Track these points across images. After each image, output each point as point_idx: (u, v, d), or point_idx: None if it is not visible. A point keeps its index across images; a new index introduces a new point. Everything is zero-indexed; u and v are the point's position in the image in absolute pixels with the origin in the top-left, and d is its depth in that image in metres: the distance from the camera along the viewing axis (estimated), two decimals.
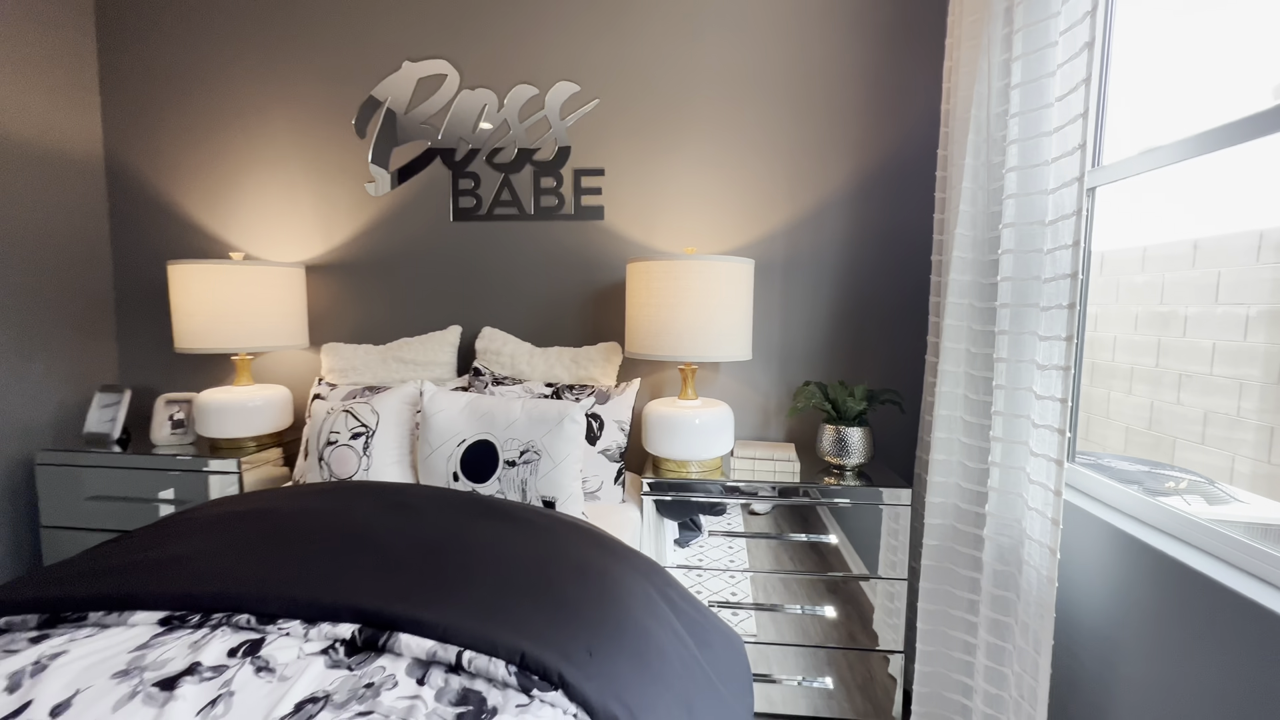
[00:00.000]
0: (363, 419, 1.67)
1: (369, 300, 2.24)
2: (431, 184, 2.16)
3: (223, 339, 1.94)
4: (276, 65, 2.19)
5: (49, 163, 2.10)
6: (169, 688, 0.78)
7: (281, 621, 0.90)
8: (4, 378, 1.99)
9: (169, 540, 1.18)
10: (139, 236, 2.31)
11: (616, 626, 0.97)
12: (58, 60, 2.13)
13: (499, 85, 2.10)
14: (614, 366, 1.97)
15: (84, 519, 1.97)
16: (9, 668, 0.82)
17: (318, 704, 0.76)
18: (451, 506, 1.30)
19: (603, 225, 2.10)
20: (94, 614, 0.93)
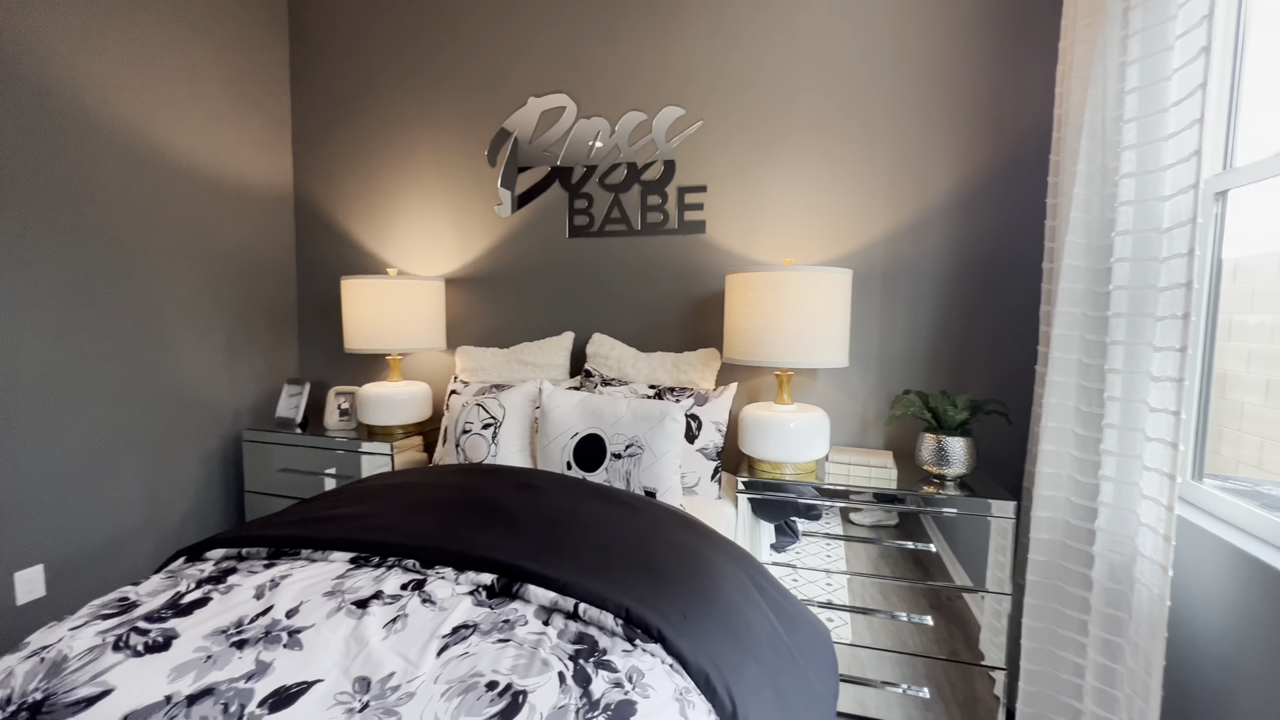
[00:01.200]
0: (491, 412, 1.92)
1: (496, 308, 2.53)
2: (550, 205, 2.41)
3: (380, 341, 2.31)
4: (424, 107, 2.55)
5: (252, 198, 2.61)
6: (362, 606, 1.01)
7: (438, 568, 1.13)
8: (219, 372, 2.49)
9: (347, 503, 1.47)
10: (316, 256, 2.79)
11: (707, 599, 1.09)
12: (262, 118, 2.64)
13: (611, 113, 2.31)
14: (712, 371, 2.09)
15: (274, 486, 2.42)
16: (254, 582, 1.10)
17: (469, 629, 0.95)
18: (567, 489, 1.49)
19: (704, 239, 2.23)
20: (305, 551, 1.22)
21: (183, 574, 1.19)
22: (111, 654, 0.92)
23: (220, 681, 0.85)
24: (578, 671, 0.88)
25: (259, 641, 0.93)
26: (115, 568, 2.15)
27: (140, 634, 0.96)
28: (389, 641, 0.93)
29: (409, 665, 0.88)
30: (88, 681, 0.86)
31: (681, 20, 2.20)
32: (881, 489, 1.72)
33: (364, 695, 0.82)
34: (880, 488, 1.72)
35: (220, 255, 2.47)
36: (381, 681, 0.85)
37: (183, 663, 0.89)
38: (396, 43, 2.57)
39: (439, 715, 0.78)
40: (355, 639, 0.93)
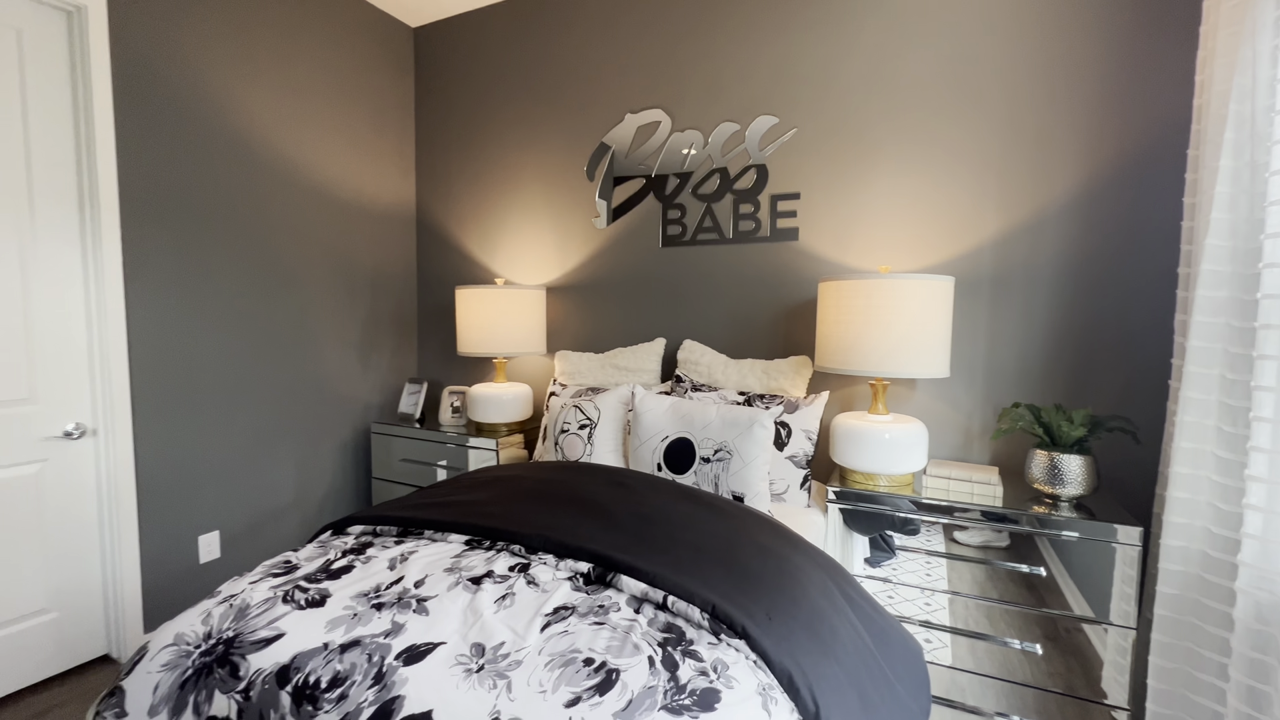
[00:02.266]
0: (587, 414, 2.04)
1: (592, 315, 2.67)
2: (645, 216, 2.51)
3: (488, 345, 2.51)
4: (529, 128, 2.75)
5: (381, 216, 2.93)
6: (477, 583, 1.14)
7: (541, 554, 1.24)
8: (353, 371, 2.82)
9: (461, 491, 1.63)
10: (434, 267, 3.08)
11: (792, 601, 1.12)
12: (392, 145, 2.96)
13: (705, 124, 2.37)
14: (804, 379, 2.08)
15: (395, 474, 2.70)
16: (387, 555, 1.27)
17: (569, 611, 1.05)
18: (657, 489, 1.56)
19: (797, 246, 2.23)
20: (427, 531, 1.38)
21: (330, 545, 1.39)
22: (281, 605, 1.10)
23: (364, 635, 1.00)
24: (666, 657, 0.94)
25: (394, 605, 1.08)
26: (270, 537, 2.50)
27: (302, 591, 1.15)
28: (499, 615, 1.04)
29: (517, 637, 0.98)
30: (265, 626, 1.05)
31: (777, 31, 2.22)
32: (986, 506, 1.64)
33: (479, 659, 0.94)
34: (984, 505, 1.64)
35: (354, 268, 2.79)
36: (494, 649, 0.96)
37: (335, 617, 1.06)
38: (505, 70, 2.78)
39: (543, 682, 0.88)
40: (471, 610, 1.06)
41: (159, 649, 1.07)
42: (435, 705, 0.85)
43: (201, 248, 2.20)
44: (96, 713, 1.05)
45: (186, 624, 1.10)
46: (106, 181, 1.95)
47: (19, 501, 1.84)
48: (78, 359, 1.96)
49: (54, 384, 1.91)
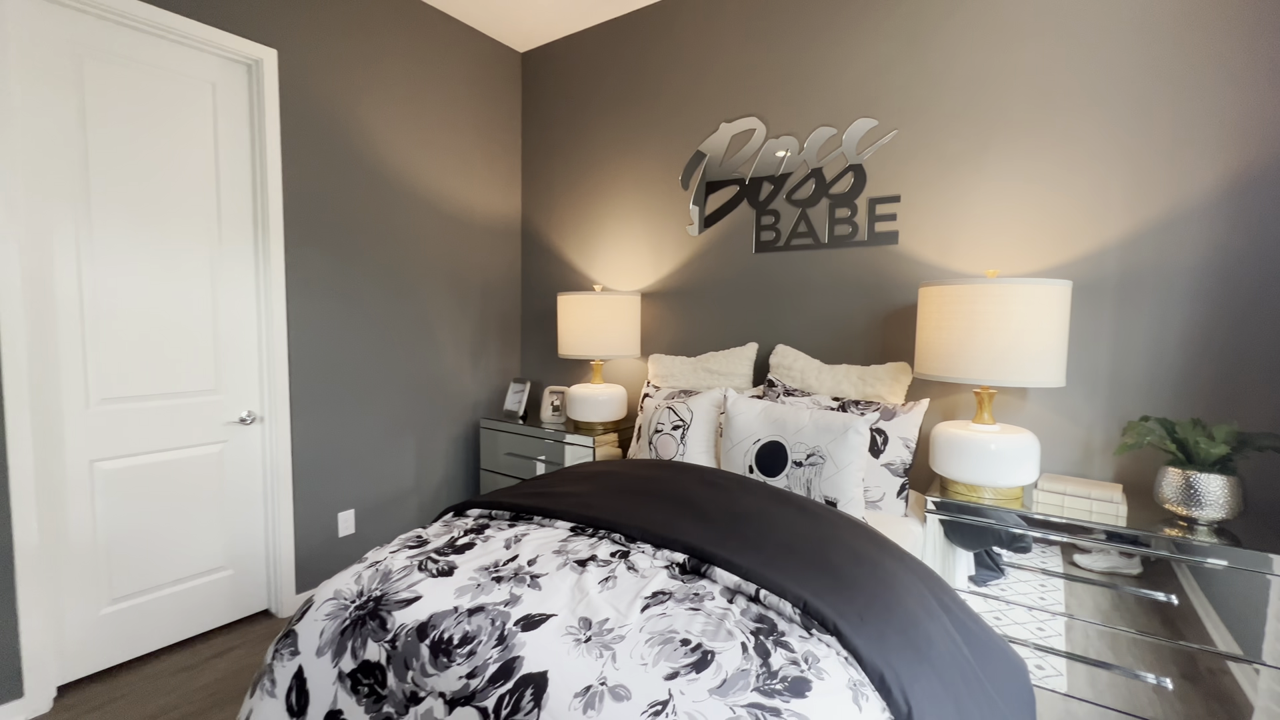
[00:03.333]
0: (680, 415, 2.12)
1: (684, 320, 2.75)
2: (738, 222, 2.56)
3: (586, 348, 2.66)
4: (627, 140, 2.88)
5: (490, 228, 3.18)
6: (582, 565, 1.25)
7: (639, 543, 1.33)
8: (465, 370, 3.09)
9: (564, 484, 1.76)
10: (536, 274, 3.29)
11: (885, 606, 1.13)
12: (501, 162, 3.21)
13: (800, 130, 2.37)
14: (902, 386, 2.03)
15: (500, 466, 2.92)
16: (503, 536, 1.42)
17: (666, 596, 1.13)
18: (749, 489, 1.61)
19: (896, 250, 2.18)
20: (536, 518, 1.52)
21: (453, 524, 1.56)
22: (417, 573, 1.27)
23: (487, 603, 1.13)
24: (758, 645, 1.00)
25: (510, 579, 1.22)
26: (395, 517, 2.80)
27: (433, 562, 1.31)
28: (603, 595, 1.14)
29: (619, 615, 1.08)
30: (405, 589, 1.22)
31: (875, 33, 2.19)
32: (1112, 526, 1.53)
33: (587, 631, 1.04)
34: (1109, 524, 1.54)
35: (466, 277, 3.06)
36: (599, 623, 1.06)
37: (461, 586, 1.21)
38: (604, 87, 2.94)
39: (644, 656, 0.96)
40: (578, 588, 1.17)
41: (322, 601, 1.27)
42: (550, 666, 0.96)
43: (344, 262, 2.52)
44: (275, 650, 1.27)
45: (343, 582, 1.30)
46: (275, 207, 2.29)
47: (206, 475, 2.21)
48: (250, 357, 2.31)
49: (233, 378, 2.27)
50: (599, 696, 0.90)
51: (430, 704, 1.00)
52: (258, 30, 2.21)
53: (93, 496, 1.94)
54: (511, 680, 0.96)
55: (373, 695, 1.09)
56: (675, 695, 0.89)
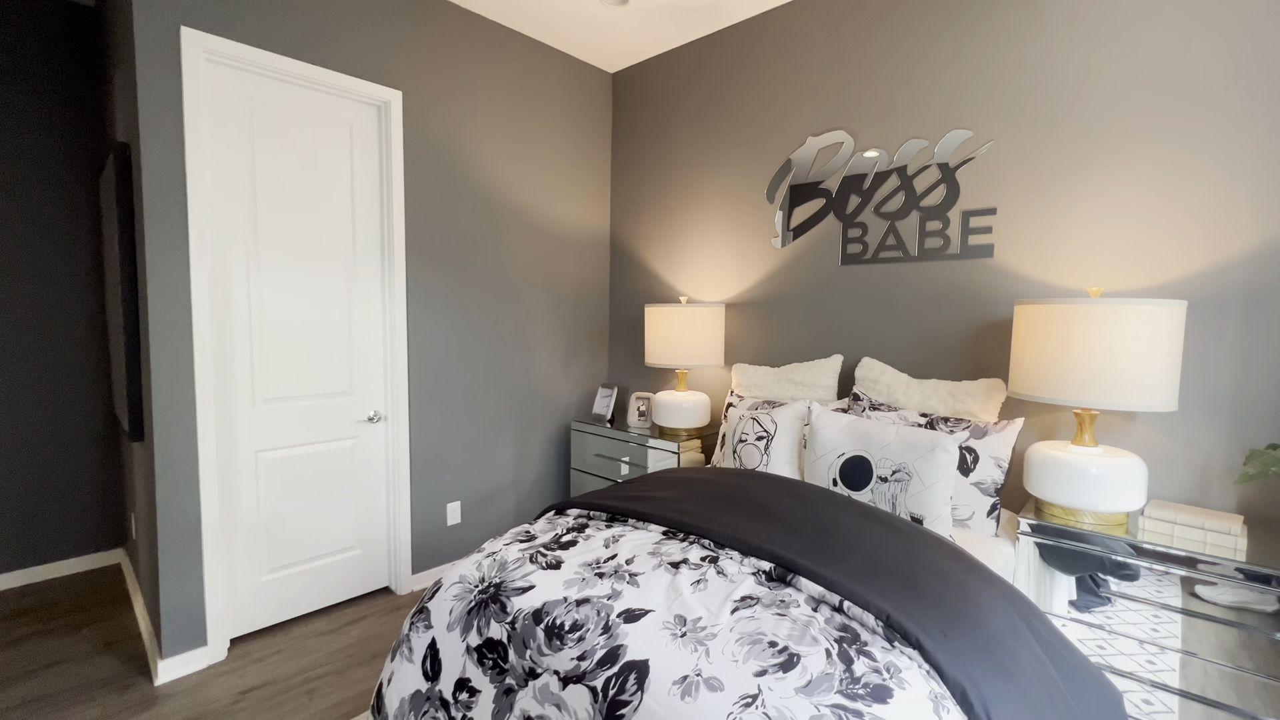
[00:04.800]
0: (764, 426, 2.20)
1: (768, 331, 2.81)
2: (824, 235, 2.58)
3: (672, 358, 2.78)
4: (713, 155, 2.97)
5: (581, 242, 3.37)
6: (675, 566, 1.38)
7: (728, 549, 1.44)
8: (558, 375, 3.30)
9: (655, 489, 1.89)
10: (623, 285, 3.45)
11: (970, 623, 1.17)
12: (592, 179, 3.39)
13: (889, 143, 2.37)
14: (995, 403, 2.00)
15: (589, 467, 3.10)
16: (602, 536, 1.57)
17: (754, 601, 1.23)
18: (833, 503, 1.66)
19: (990, 263, 2.14)
20: (631, 520, 1.65)
21: (556, 522, 1.73)
22: (529, 565, 1.45)
23: (592, 596, 1.28)
24: (842, 652, 1.07)
25: (611, 576, 1.36)
26: (494, 511, 3.05)
27: (542, 556, 1.48)
28: (696, 595, 1.26)
29: (711, 615, 1.19)
30: (521, 578, 1.39)
31: (968, 44, 2.15)
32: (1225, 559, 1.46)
33: (682, 627, 1.16)
34: (1220, 556, 1.46)
35: (560, 287, 3.27)
36: (693, 621, 1.17)
37: (569, 579, 1.36)
38: (691, 104, 3.04)
39: (734, 653, 1.07)
40: (673, 588, 1.29)
41: (450, 584, 1.47)
42: (650, 656, 1.09)
43: (454, 277, 2.79)
44: (411, 623, 1.48)
45: (466, 568, 1.50)
46: (398, 231, 2.58)
47: (341, 467, 2.53)
48: (376, 363, 2.62)
49: (362, 382, 2.58)
50: (695, 686, 1.02)
51: (547, 679, 1.16)
52: (386, 75, 2.50)
53: (256, 481, 2.30)
54: (617, 665, 1.09)
55: (496, 668, 1.26)
56: (764, 690, 0.99)
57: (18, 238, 2.68)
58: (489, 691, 1.26)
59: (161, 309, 1.99)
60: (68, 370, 2.84)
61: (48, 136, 2.73)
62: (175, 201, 2.00)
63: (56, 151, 2.76)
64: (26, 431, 2.74)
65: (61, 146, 2.77)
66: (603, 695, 1.07)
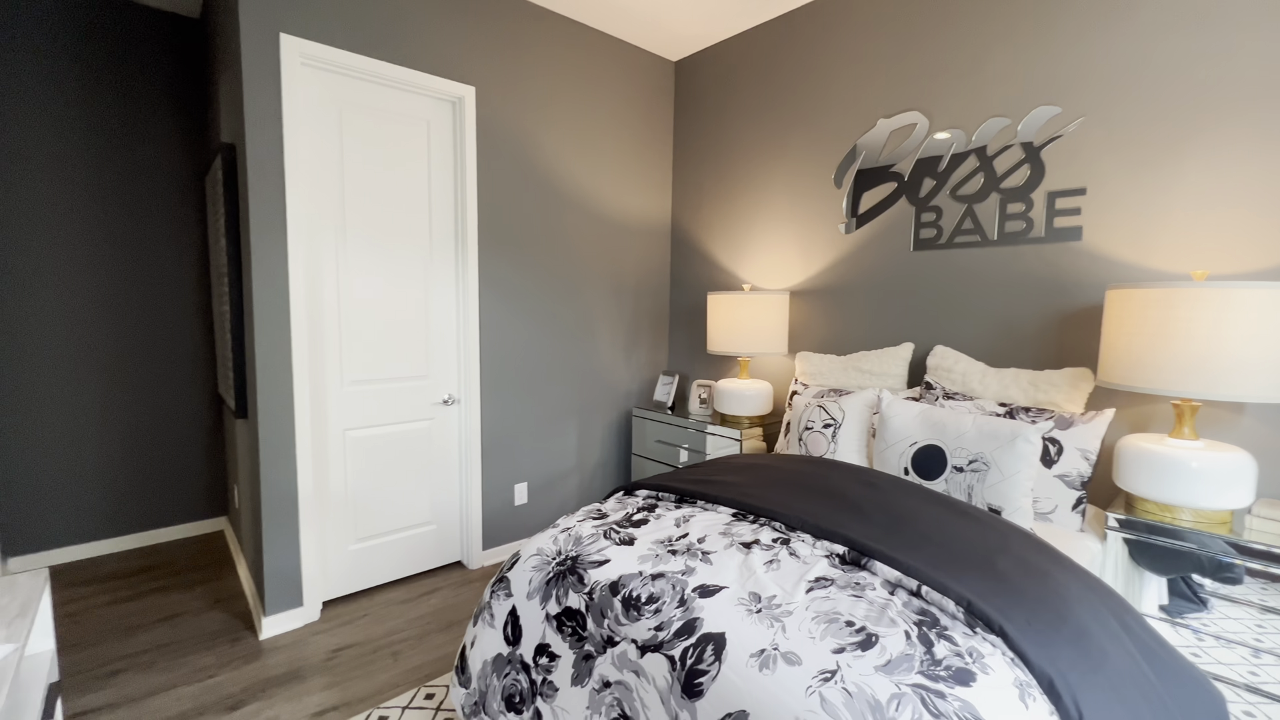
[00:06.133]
0: (832, 414, 2.17)
1: (833, 318, 2.76)
2: (895, 220, 2.51)
3: (734, 345, 2.78)
4: (778, 140, 2.93)
5: (643, 230, 3.40)
6: (747, 546, 1.40)
7: (799, 532, 1.45)
8: (619, 362, 3.36)
9: (721, 473, 1.92)
10: (684, 273, 3.47)
11: (1056, 615, 1.13)
12: (654, 168, 3.42)
13: (968, 122, 2.28)
14: (1081, 393, 1.91)
15: (650, 453, 3.15)
16: (672, 516, 1.61)
17: (828, 582, 1.24)
18: (906, 491, 1.64)
19: (1078, 246, 2.03)
20: (700, 502, 1.69)
21: (626, 502, 1.79)
22: (603, 540, 1.50)
23: (667, 570, 1.32)
24: (921, 635, 1.07)
25: (684, 553, 1.39)
26: (558, 493, 3.15)
27: (615, 533, 1.54)
28: (769, 574, 1.28)
29: (785, 594, 1.21)
30: (596, 552, 1.45)
31: (1057, 11, 2.03)
32: None
33: (757, 604, 1.18)
34: None
35: (622, 275, 3.32)
36: (768, 599, 1.19)
37: (643, 555, 1.41)
38: (755, 89, 3.01)
39: (811, 630, 1.09)
40: (746, 567, 1.31)
41: (528, 556, 1.55)
42: (727, 629, 1.12)
43: (522, 266, 2.89)
44: (492, 591, 1.57)
45: (543, 542, 1.57)
46: (471, 221, 2.69)
47: (418, 446, 2.68)
48: (450, 348, 2.75)
49: (438, 366, 2.72)
50: (772, 659, 1.04)
51: (625, 648, 1.21)
52: (460, 71, 2.60)
53: (345, 457, 2.47)
54: (694, 636, 1.13)
55: (575, 635, 1.33)
56: (843, 667, 1.00)
57: (135, 236, 2.96)
58: (568, 657, 1.32)
59: (264, 297, 2.17)
60: (178, 354, 3.12)
61: (158, 140, 2.99)
62: (275, 198, 2.16)
63: (167, 154, 3.02)
64: (145, 411, 3.04)
65: (171, 149, 3.03)
66: (680, 664, 1.11)
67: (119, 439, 2.97)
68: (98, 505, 2.94)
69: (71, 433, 2.84)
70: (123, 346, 2.96)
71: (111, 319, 2.92)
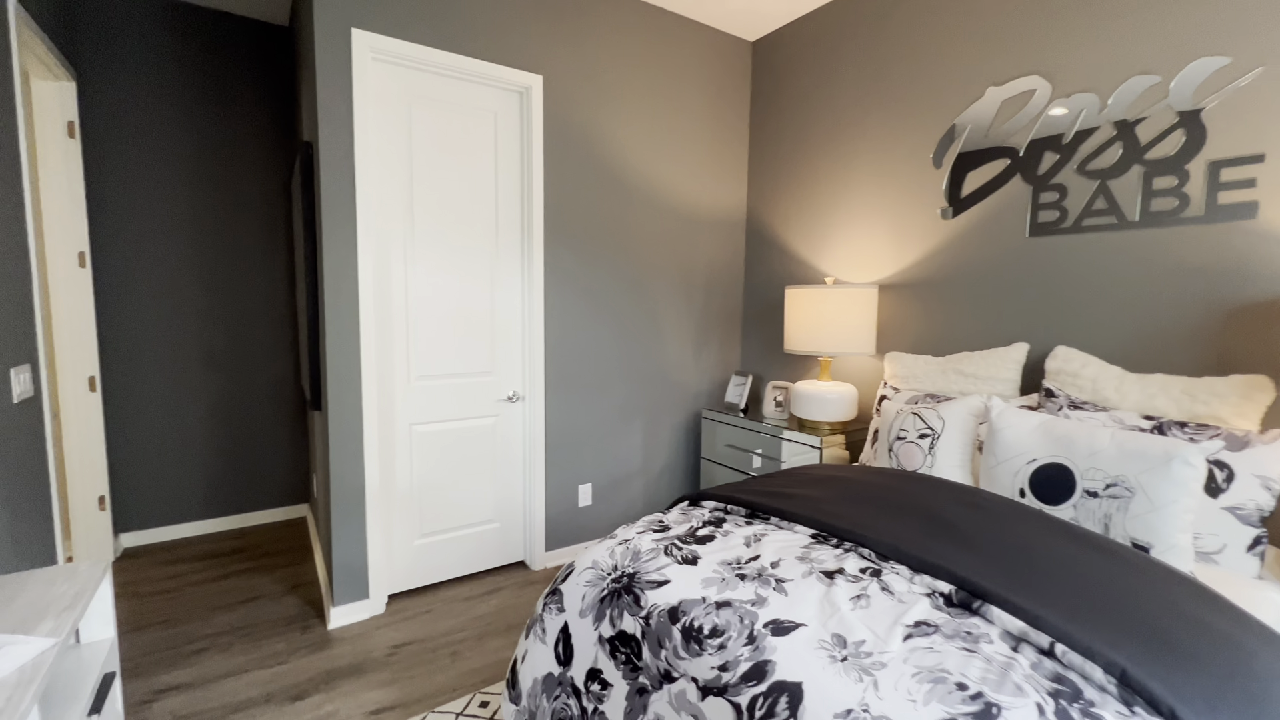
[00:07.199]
0: (929, 423, 1.91)
1: (928, 315, 2.46)
2: (1006, 202, 2.19)
3: (816, 344, 2.55)
4: (864, 120, 2.66)
5: (715, 222, 3.21)
6: (829, 576, 1.20)
7: (892, 563, 1.23)
8: (688, 361, 3.19)
9: (797, 485, 1.72)
10: (759, 267, 3.25)
11: (1248, 697, 0.87)
12: (728, 157, 3.22)
13: (1102, 84, 1.93)
14: (1256, 406, 1.55)
15: (721, 458, 2.97)
16: (741, 533, 1.44)
17: (930, 628, 1.03)
18: (1023, 518, 1.38)
19: (1251, 226, 1.65)
20: (774, 518, 1.50)
21: (691, 514, 1.63)
22: (664, 557, 1.35)
23: (734, 599, 1.16)
24: (1059, 710, 0.84)
25: (755, 579, 1.22)
26: (622, 496, 3.04)
27: (677, 549, 1.39)
28: (856, 613, 1.08)
29: (877, 639, 1.01)
30: (655, 570, 1.30)
31: None
32: None
33: (842, 649, 0.99)
34: None
35: (692, 270, 3.15)
36: (855, 644, 1.00)
37: (707, 578, 1.25)
38: (839, 65, 2.75)
39: (911, 691, 0.89)
40: (828, 601, 1.12)
41: (583, 569, 1.43)
42: (804, 679, 0.94)
43: (588, 260, 2.79)
44: (544, 604, 1.46)
45: (599, 554, 1.44)
46: (537, 214, 2.62)
47: (482, 443, 2.65)
48: (515, 344, 2.70)
49: (503, 362, 2.67)
50: None
51: (683, 686, 1.06)
52: (527, 60, 2.54)
53: (411, 452, 2.46)
54: (764, 683, 0.96)
55: (629, 664, 1.19)
56: None
57: (230, 236, 3.13)
58: (621, 687, 1.19)
59: (336, 292, 2.19)
60: (268, 348, 3.28)
61: (250, 144, 3.15)
62: (346, 194, 2.18)
63: (258, 157, 3.17)
64: (238, 402, 3.21)
65: (262, 153, 3.18)
66: (748, 714, 0.94)
67: (216, 428, 3.15)
68: (196, 489, 3.13)
69: (175, 421, 3.04)
70: (218, 341, 3.14)
71: (208, 315, 3.10)
